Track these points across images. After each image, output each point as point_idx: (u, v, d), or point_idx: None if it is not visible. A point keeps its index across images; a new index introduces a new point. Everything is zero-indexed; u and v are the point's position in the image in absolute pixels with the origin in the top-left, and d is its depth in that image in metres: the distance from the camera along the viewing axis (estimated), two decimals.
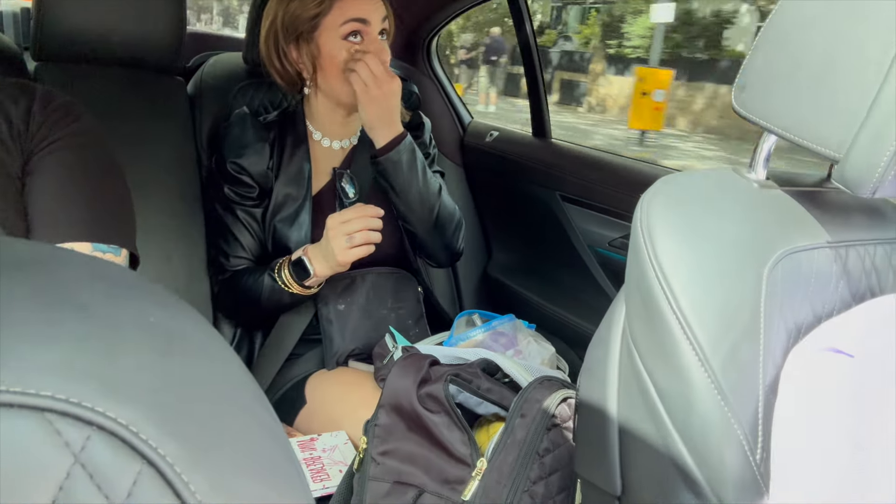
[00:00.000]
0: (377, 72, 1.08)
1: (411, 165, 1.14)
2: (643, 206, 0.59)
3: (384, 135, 1.12)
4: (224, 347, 0.27)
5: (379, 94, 1.09)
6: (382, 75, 1.09)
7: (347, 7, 1.11)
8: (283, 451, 0.26)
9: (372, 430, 0.86)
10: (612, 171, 1.41)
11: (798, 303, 0.57)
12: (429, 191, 1.17)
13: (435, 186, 1.19)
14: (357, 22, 1.11)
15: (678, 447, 0.53)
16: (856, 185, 0.54)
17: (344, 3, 1.11)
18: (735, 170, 0.66)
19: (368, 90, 1.09)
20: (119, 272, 0.26)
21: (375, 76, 1.08)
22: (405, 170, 1.13)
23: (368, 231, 1.04)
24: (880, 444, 0.42)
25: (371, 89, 1.08)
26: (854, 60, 0.52)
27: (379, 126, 1.12)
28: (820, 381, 0.49)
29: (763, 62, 0.59)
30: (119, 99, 1.26)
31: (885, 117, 0.50)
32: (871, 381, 0.46)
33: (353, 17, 1.11)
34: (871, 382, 0.45)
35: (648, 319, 0.56)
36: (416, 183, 1.15)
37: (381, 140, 1.12)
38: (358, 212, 1.04)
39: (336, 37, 1.11)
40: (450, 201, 1.23)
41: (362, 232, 1.03)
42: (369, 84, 1.08)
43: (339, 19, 1.11)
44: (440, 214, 1.19)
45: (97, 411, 0.20)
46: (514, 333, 1.15)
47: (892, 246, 0.67)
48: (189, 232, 1.27)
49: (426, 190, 1.16)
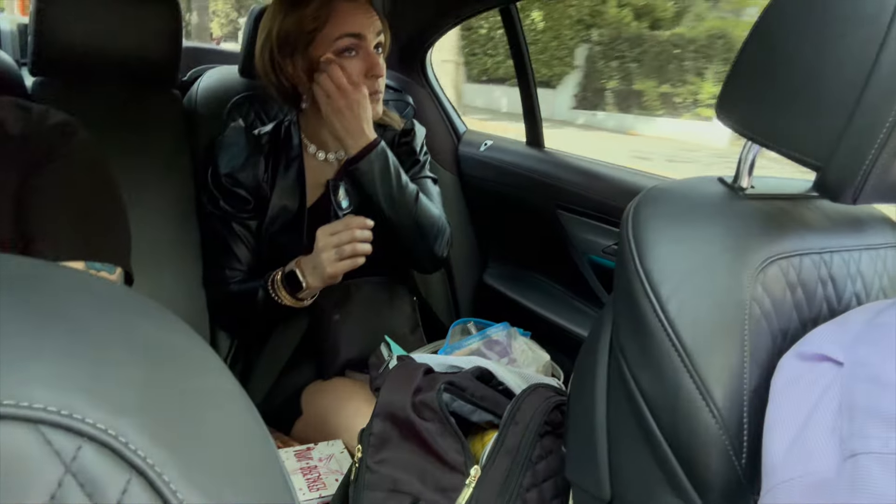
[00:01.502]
0: (340, 83, 1.09)
1: (383, 174, 1.14)
2: (629, 216, 0.60)
3: (353, 145, 1.12)
4: (212, 358, 0.28)
5: (343, 104, 1.09)
6: (345, 85, 1.09)
7: (343, 22, 1.12)
8: (271, 460, 0.26)
9: (367, 439, 0.86)
10: (605, 180, 1.42)
11: (783, 309, 0.58)
12: (404, 196, 1.16)
13: (412, 192, 1.18)
14: (352, 37, 1.12)
15: (665, 452, 0.53)
16: (837, 193, 0.55)
17: (339, 18, 1.12)
18: (721, 179, 0.67)
19: (332, 101, 1.09)
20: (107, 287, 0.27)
21: (339, 86, 1.09)
22: (377, 177, 1.13)
23: (356, 243, 1.04)
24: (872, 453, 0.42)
25: (335, 100, 1.09)
26: (833, 73, 0.53)
27: (346, 136, 1.12)
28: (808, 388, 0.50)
29: (746, 74, 0.60)
30: (116, 113, 1.28)
31: (864, 128, 0.51)
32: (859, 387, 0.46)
33: (348, 32, 1.12)
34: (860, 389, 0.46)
35: (635, 327, 0.57)
36: (389, 189, 1.14)
37: (351, 150, 1.13)
38: (345, 224, 1.04)
39: (331, 51, 1.12)
40: (431, 208, 1.22)
41: (350, 244, 1.03)
42: (333, 96, 1.09)
43: (334, 34, 1.12)
44: (419, 221, 1.19)
45: (87, 422, 0.21)
46: (509, 341, 1.16)
47: (876, 252, 0.68)
48: (185, 245, 1.28)
49: (401, 196, 1.16)
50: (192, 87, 1.46)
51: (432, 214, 1.22)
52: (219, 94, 1.42)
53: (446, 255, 1.28)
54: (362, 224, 1.05)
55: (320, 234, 1.05)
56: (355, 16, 1.13)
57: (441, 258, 1.27)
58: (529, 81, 1.61)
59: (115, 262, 0.80)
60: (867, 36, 0.51)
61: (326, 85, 1.09)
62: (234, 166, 1.18)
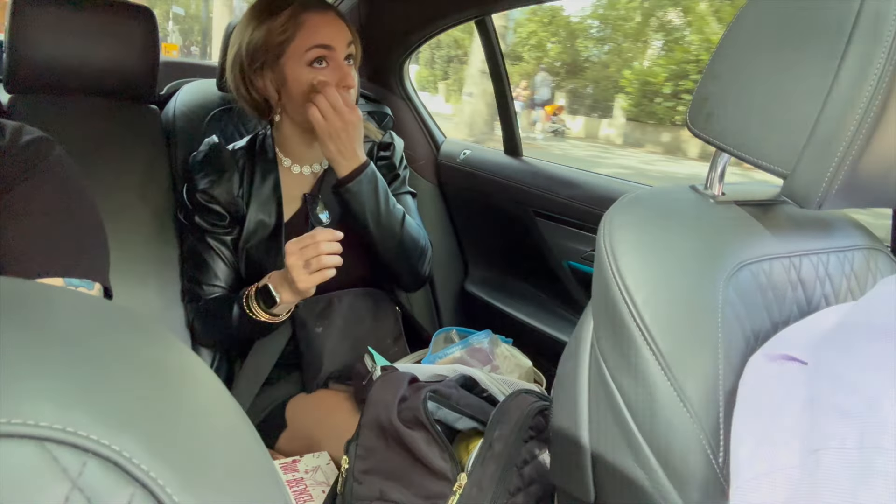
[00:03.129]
0: (336, 104, 1.09)
1: (373, 195, 1.14)
2: (606, 224, 0.62)
3: (346, 166, 1.12)
4: (206, 372, 0.28)
5: (340, 126, 1.09)
6: (341, 107, 1.09)
7: (311, 34, 1.12)
8: (267, 472, 0.27)
9: (353, 450, 0.87)
10: (582, 187, 1.44)
11: (755, 311, 0.60)
12: (391, 218, 1.17)
13: (398, 214, 1.19)
14: (321, 48, 1.12)
15: (645, 453, 0.55)
16: (803, 199, 0.57)
17: (309, 29, 1.12)
18: (693, 187, 0.69)
19: (329, 123, 1.09)
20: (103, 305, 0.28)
21: (335, 108, 1.09)
22: (366, 199, 1.14)
23: (326, 256, 1.02)
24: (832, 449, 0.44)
25: (332, 122, 1.09)
26: (797, 84, 0.55)
27: (340, 158, 1.12)
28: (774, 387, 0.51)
29: (715, 86, 0.62)
30: (93, 128, 1.27)
31: (826, 137, 0.54)
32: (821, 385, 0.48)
33: (318, 44, 1.11)
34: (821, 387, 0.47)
35: (613, 331, 0.58)
36: (377, 211, 1.15)
37: (343, 171, 1.13)
38: (313, 238, 1.03)
39: (301, 63, 1.12)
40: (415, 228, 1.23)
41: (318, 258, 1.02)
42: (329, 117, 1.09)
43: (304, 46, 1.11)
44: (404, 241, 1.20)
45: (92, 439, 0.22)
46: (492, 348, 1.17)
47: (843, 254, 0.71)
48: (164, 260, 1.27)
49: (388, 218, 1.17)
50: (169, 100, 1.45)
51: (416, 235, 1.23)
52: (197, 107, 1.42)
53: (428, 273, 1.29)
54: (330, 236, 1.03)
55: (289, 248, 1.04)
56: (325, 27, 1.13)
57: (424, 277, 1.28)
58: (506, 91, 1.63)
59: (94, 277, 0.80)
60: (827, 50, 0.53)
61: (323, 106, 1.09)
62: (209, 182, 1.17)
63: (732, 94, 0.60)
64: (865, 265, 0.71)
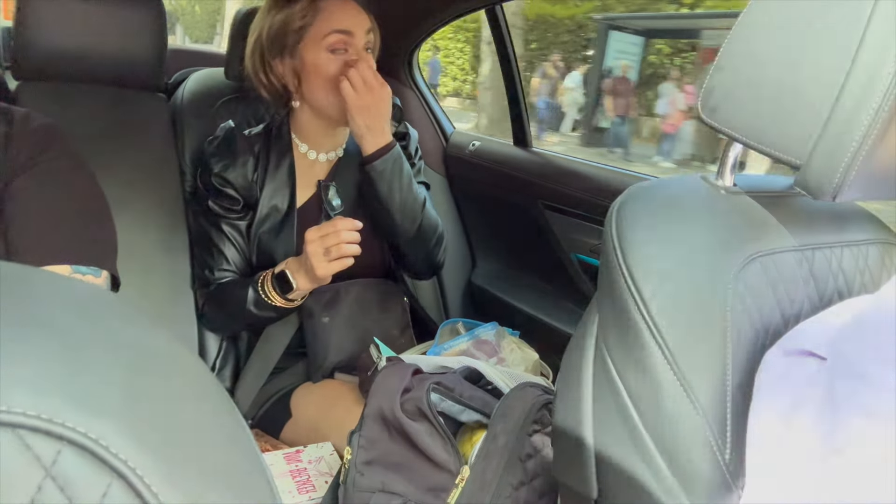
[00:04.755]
0: (367, 78, 1.09)
1: (398, 175, 1.15)
2: (613, 215, 0.61)
3: (373, 143, 1.12)
4: (195, 362, 0.28)
5: (370, 101, 1.09)
6: (372, 82, 1.09)
7: (331, 19, 1.12)
8: (252, 462, 0.27)
9: (356, 441, 0.86)
10: (591, 179, 1.43)
11: (766, 305, 0.59)
12: (413, 201, 1.17)
13: (420, 198, 1.19)
14: (341, 33, 1.12)
15: (649, 449, 0.54)
16: (817, 190, 0.55)
17: (328, 14, 1.12)
18: (703, 177, 0.67)
19: (359, 97, 1.09)
20: (88, 290, 0.27)
21: (366, 82, 1.09)
22: (391, 178, 1.14)
23: (346, 244, 1.04)
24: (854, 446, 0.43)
25: (362, 96, 1.09)
26: (812, 73, 0.54)
27: (368, 134, 1.12)
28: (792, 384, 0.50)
29: (727, 74, 0.60)
30: (101, 117, 1.27)
31: (842, 126, 0.52)
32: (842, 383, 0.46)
33: (337, 29, 1.12)
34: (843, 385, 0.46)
35: (619, 324, 0.57)
36: (400, 192, 1.15)
37: (370, 147, 1.12)
38: (334, 226, 1.04)
39: (320, 49, 1.12)
40: (433, 214, 1.24)
41: (339, 245, 1.03)
42: (360, 91, 1.08)
43: (324, 30, 1.11)
44: (423, 226, 1.20)
45: (67, 426, 0.21)
46: (498, 341, 1.17)
47: (858, 248, 0.69)
48: (172, 247, 1.27)
49: (411, 200, 1.17)
50: (177, 89, 1.45)
51: (435, 222, 1.24)
52: (205, 96, 1.41)
53: (442, 261, 1.30)
54: (351, 225, 1.05)
55: (309, 235, 1.05)
56: (344, 12, 1.13)
57: (438, 265, 1.30)
58: (516, 82, 1.62)
59: (102, 265, 0.80)
60: (844, 38, 0.52)
61: (355, 79, 1.08)
62: (224, 166, 1.18)
63: (746, 82, 0.58)
64: (880, 260, 0.69)
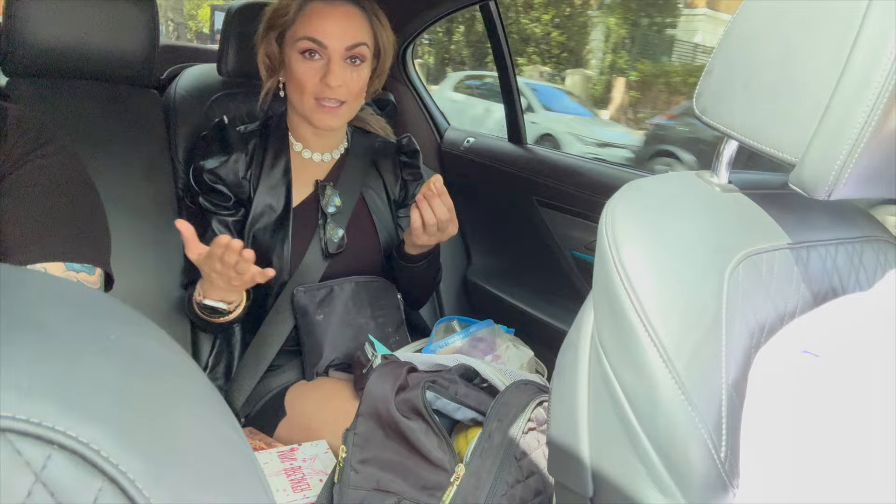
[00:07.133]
0: (441, 216, 1.09)
1: (427, 269, 1.26)
2: (608, 212, 0.61)
3: (421, 250, 1.20)
4: (187, 363, 0.27)
5: (437, 235, 1.13)
6: (445, 219, 1.10)
7: (309, 25, 1.10)
8: (246, 465, 0.26)
9: (351, 439, 0.86)
10: (586, 176, 1.43)
11: (760, 303, 0.59)
12: (430, 280, 1.31)
13: (438, 276, 1.32)
14: (311, 42, 1.10)
15: (645, 447, 0.54)
16: (812, 188, 0.55)
17: (307, 19, 1.11)
18: (698, 174, 0.67)
19: (428, 228, 1.11)
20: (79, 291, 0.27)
21: (438, 220, 1.10)
22: (421, 272, 1.26)
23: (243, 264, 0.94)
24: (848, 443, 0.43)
25: (429, 228, 1.11)
26: (807, 71, 0.54)
27: (421, 248, 1.19)
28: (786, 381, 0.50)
29: (722, 71, 0.60)
30: (93, 113, 1.26)
31: (837, 123, 0.52)
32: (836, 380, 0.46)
33: (308, 36, 1.10)
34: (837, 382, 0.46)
35: (614, 322, 0.57)
36: (422, 278, 1.28)
37: (415, 251, 1.21)
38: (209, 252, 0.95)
39: (294, 49, 1.11)
40: (439, 266, 1.31)
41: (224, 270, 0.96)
42: (429, 224, 1.10)
43: (297, 34, 1.11)
44: (430, 285, 1.34)
45: (57, 430, 0.20)
46: (493, 338, 1.16)
47: (853, 246, 0.69)
48: (166, 246, 1.26)
49: (428, 279, 1.31)
50: (170, 85, 1.44)
51: (438, 276, 1.33)
52: (198, 92, 1.40)
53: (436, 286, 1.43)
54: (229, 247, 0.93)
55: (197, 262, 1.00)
56: (325, 20, 1.10)
57: (427, 299, 1.41)
58: (510, 78, 1.61)
59: (95, 263, 0.79)
60: (839, 36, 0.51)
61: (427, 214, 1.09)
62: (216, 162, 1.17)
63: (741, 79, 0.58)
64: (875, 258, 0.69)
